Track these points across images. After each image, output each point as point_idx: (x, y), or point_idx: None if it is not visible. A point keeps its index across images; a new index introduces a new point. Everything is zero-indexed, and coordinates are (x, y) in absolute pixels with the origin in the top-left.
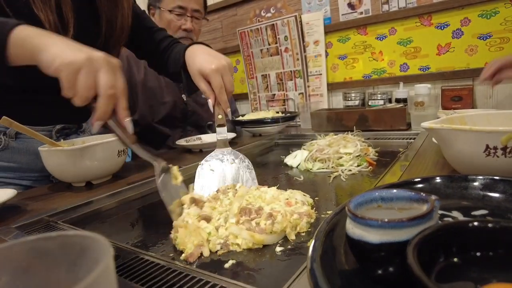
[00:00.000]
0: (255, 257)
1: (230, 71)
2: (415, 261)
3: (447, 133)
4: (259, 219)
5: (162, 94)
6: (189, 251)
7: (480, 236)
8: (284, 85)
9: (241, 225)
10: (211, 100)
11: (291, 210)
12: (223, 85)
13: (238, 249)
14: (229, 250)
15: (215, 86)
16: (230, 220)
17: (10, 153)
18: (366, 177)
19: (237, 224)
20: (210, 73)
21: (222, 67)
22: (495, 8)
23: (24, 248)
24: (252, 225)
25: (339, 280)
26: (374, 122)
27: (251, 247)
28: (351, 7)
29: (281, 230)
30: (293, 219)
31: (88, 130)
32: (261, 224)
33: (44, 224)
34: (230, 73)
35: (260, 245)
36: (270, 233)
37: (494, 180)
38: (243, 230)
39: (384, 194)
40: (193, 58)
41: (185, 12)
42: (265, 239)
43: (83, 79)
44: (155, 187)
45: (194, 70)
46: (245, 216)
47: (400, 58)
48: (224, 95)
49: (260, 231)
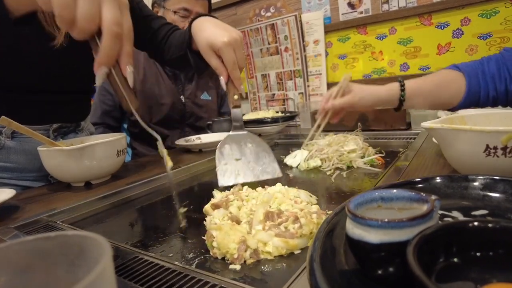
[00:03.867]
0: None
1: (242, 45)
2: (415, 261)
3: (447, 133)
4: (286, 224)
5: (161, 95)
6: (233, 251)
7: (480, 236)
8: (284, 84)
9: (270, 231)
10: (223, 77)
11: (308, 211)
12: (236, 60)
13: (269, 256)
14: (260, 258)
15: (228, 61)
16: (256, 227)
17: (6, 153)
18: (366, 177)
19: (264, 230)
20: (222, 47)
21: (234, 41)
22: (495, 8)
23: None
24: (281, 230)
25: (339, 280)
26: (374, 122)
27: (283, 254)
28: (351, 7)
29: (309, 232)
30: (316, 219)
31: (87, 129)
32: (289, 228)
33: (43, 224)
34: (242, 47)
35: (292, 251)
36: (300, 236)
37: (494, 180)
38: (273, 237)
39: (384, 194)
40: (202, 31)
41: (190, 15)
42: (299, 243)
43: (85, 5)
44: (154, 187)
45: (204, 44)
46: (269, 221)
47: (400, 57)
48: (237, 71)
49: (290, 236)
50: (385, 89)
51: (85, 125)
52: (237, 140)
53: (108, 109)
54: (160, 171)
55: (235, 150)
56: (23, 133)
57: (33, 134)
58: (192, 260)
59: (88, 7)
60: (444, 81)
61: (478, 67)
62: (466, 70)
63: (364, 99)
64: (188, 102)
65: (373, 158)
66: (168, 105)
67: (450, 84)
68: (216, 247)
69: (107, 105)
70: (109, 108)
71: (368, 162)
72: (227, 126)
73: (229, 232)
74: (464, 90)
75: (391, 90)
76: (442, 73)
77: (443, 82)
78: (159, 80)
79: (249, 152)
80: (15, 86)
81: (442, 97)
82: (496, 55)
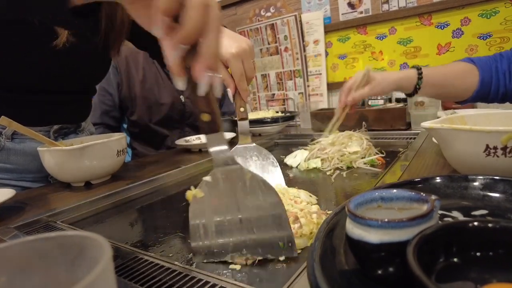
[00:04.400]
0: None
1: (251, 55)
2: (415, 261)
3: (447, 133)
4: None
5: (160, 95)
6: None
7: (480, 236)
8: (283, 84)
9: None
10: (230, 89)
11: (308, 211)
12: (243, 71)
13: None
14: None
15: (235, 73)
16: None
17: (6, 154)
18: (366, 177)
19: None
20: (230, 58)
21: (243, 51)
22: (495, 8)
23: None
24: None
25: (339, 280)
26: (374, 121)
27: None
28: (351, 7)
29: (310, 232)
30: (317, 219)
31: (87, 129)
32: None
33: (43, 224)
34: (251, 58)
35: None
36: (300, 236)
37: (494, 180)
38: None
39: (384, 194)
40: None
41: None
42: (299, 243)
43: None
44: (154, 187)
45: None
46: None
47: (400, 57)
48: (244, 83)
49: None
50: (404, 76)
51: (85, 126)
52: (243, 152)
53: (107, 109)
54: (160, 171)
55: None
56: (23, 134)
57: (33, 134)
58: (192, 260)
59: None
60: (459, 73)
61: (492, 62)
62: (480, 64)
63: (387, 87)
64: (188, 101)
65: (373, 158)
66: (168, 105)
67: (465, 76)
68: None
69: (106, 105)
70: (109, 108)
71: (368, 162)
72: (227, 126)
73: None
74: (477, 84)
75: (408, 78)
76: (458, 65)
77: (458, 74)
78: (159, 80)
79: (254, 166)
80: (16, 86)
81: (457, 88)
82: (508, 52)
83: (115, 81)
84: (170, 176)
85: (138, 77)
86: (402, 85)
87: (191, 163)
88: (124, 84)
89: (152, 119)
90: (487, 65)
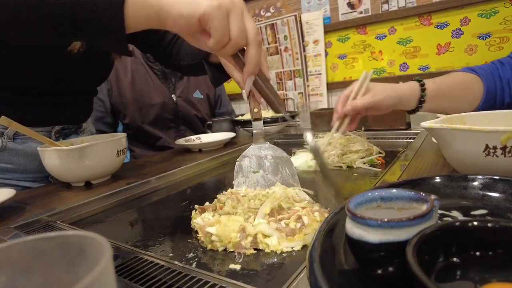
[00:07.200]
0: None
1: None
2: (415, 260)
3: (447, 133)
4: (288, 220)
5: (151, 96)
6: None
7: (480, 236)
8: (283, 84)
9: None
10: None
11: (310, 209)
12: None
13: (267, 248)
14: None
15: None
16: (259, 219)
17: (7, 154)
18: (366, 177)
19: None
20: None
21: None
22: (494, 8)
23: (23, 248)
24: (282, 226)
25: (338, 280)
26: (374, 121)
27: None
28: (351, 7)
29: (311, 230)
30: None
31: (88, 130)
32: (290, 226)
33: (43, 224)
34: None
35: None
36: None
37: (493, 180)
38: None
39: (384, 194)
40: None
41: None
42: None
43: (236, 23)
44: (154, 187)
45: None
46: (273, 217)
47: (400, 57)
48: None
49: (290, 232)
50: (406, 88)
51: (86, 126)
52: (257, 152)
53: (100, 116)
54: (160, 171)
55: (254, 163)
56: (24, 134)
57: (33, 134)
58: (192, 259)
59: (239, 25)
60: (464, 84)
61: (494, 71)
62: (483, 73)
63: (388, 97)
64: (180, 100)
65: (373, 158)
66: (159, 105)
67: (470, 87)
68: (217, 240)
69: (99, 112)
70: (101, 115)
71: (368, 162)
72: (227, 126)
73: (227, 223)
74: (482, 95)
75: (411, 88)
76: (459, 75)
77: (463, 85)
78: (148, 80)
79: (269, 165)
80: (25, 90)
81: (464, 101)
82: (508, 60)
83: (106, 88)
84: (170, 176)
85: (127, 80)
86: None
87: (191, 163)
88: (114, 88)
89: (144, 120)
90: (490, 74)
